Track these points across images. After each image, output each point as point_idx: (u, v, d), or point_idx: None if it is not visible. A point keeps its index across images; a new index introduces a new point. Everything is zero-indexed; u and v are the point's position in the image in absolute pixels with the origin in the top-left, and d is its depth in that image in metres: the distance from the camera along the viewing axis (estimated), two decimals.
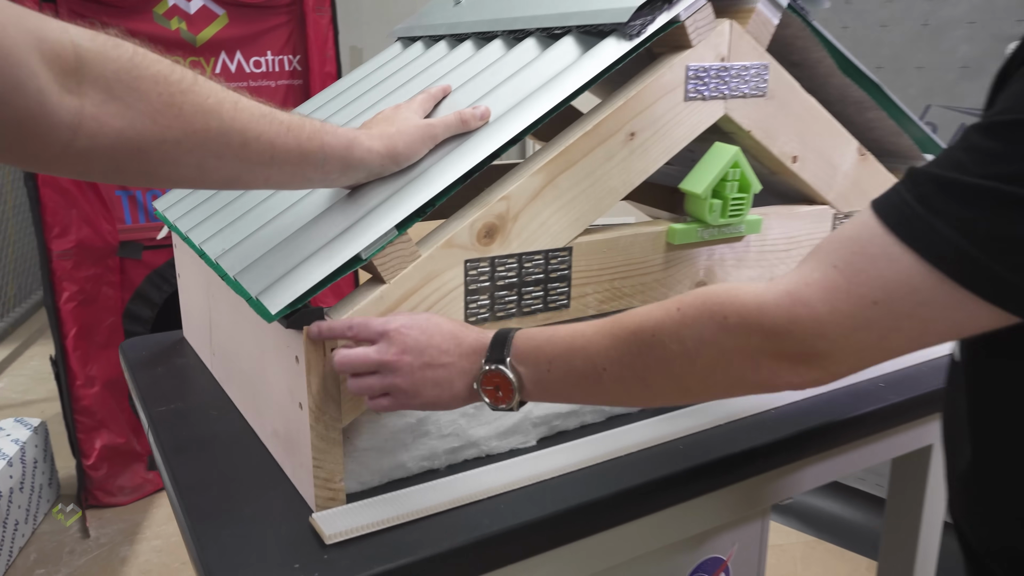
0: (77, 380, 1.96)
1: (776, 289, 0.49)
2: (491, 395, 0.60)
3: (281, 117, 0.57)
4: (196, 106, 0.51)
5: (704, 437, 0.81)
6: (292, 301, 0.60)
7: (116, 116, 0.47)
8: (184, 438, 0.78)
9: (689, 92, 0.76)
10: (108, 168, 0.49)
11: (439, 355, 0.60)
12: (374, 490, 0.70)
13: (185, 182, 0.54)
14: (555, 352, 0.58)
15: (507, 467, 0.74)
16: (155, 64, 0.49)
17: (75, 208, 1.89)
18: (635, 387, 0.56)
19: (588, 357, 0.56)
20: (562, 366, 0.58)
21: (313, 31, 2.08)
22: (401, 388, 0.60)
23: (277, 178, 0.59)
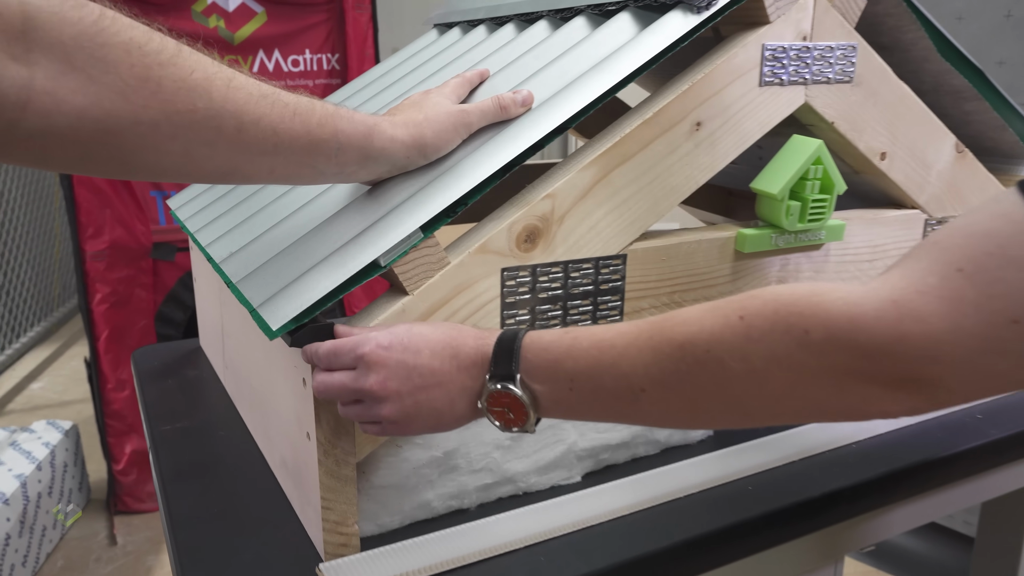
0: (108, 383, 1.92)
1: (876, 297, 0.39)
2: (500, 417, 0.50)
3: (286, 99, 0.48)
4: (178, 82, 0.42)
5: (777, 476, 0.70)
6: (297, 315, 0.51)
7: (77, 91, 0.39)
8: (186, 462, 0.70)
9: (765, 76, 0.65)
10: (73, 155, 0.41)
11: (431, 375, 0.50)
12: (394, 534, 0.60)
13: (171, 173, 0.46)
14: (578, 368, 0.48)
15: (548, 509, 0.64)
16: (127, 30, 0.40)
17: (109, 208, 1.86)
18: (681, 410, 0.46)
19: (621, 375, 0.46)
20: (587, 384, 0.48)
21: (352, 29, 2.03)
22: (391, 419, 0.50)
23: (282, 170, 0.50)
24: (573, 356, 0.48)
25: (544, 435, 0.65)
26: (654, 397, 0.45)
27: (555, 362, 0.48)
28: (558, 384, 0.48)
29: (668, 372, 0.44)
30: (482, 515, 0.63)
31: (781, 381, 0.41)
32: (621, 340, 0.47)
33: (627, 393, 0.46)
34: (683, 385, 0.44)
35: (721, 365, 0.42)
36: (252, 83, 0.47)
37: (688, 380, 0.44)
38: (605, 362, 0.46)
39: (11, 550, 1.66)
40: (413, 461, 0.59)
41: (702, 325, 0.44)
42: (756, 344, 0.41)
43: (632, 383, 0.46)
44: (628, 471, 0.70)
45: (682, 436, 0.74)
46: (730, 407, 0.44)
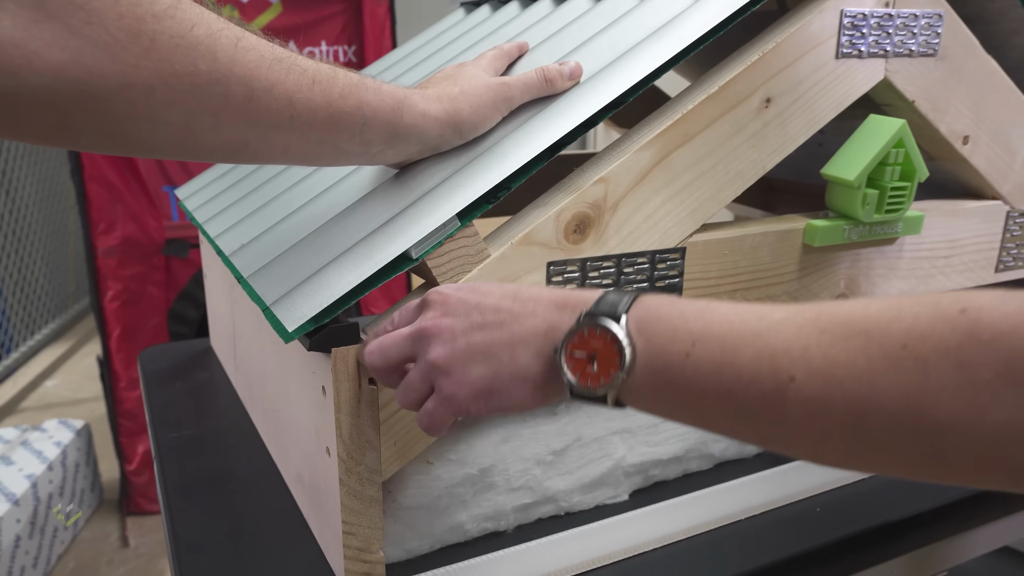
0: (120, 382, 1.88)
1: None
2: (578, 368, 0.37)
3: (304, 64, 0.42)
4: (176, 38, 0.35)
5: (846, 496, 0.63)
6: (316, 315, 0.44)
7: (53, 45, 0.32)
8: (192, 475, 0.64)
9: (843, 47, 0.58)
10: (50, 123, 0.34)
11: (495, 312, 0.40)
12: (423, 560, 0.54)
13: (169, 148, 0.39)
14: (708, 330, 0.34)
15: (593, 533, 0.57)
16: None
17: (121, 204, 1.82)
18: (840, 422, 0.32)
19: (766, 349, 0.33)
20: (714, 352, 0.34)
21: (369, 20, 1.97)
22: (439, 366, 0.39)
23: (299, 147, 0.43)
24: (705, 317, 0.35)
25: (590, 449, 0.58)
26: (807, 392, 0.31)
27: (679, 316, 0.36)
28: (675, 342, 0.35)
29: (839, 362, 0.31)
30: (520, 539, 0.56)
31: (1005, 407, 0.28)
32: (773, 313, 0.34)
33: (768, 378, 0.32)
34: (857, 382, 0.30)
35: (924, 366, 0.29)
36: (265, 45, 0.40)
37: (868, 377, 0.30)
38: (747, 332, 0.33)
39: (21, 552, 1.61)
40: (446, 479, 0.52)
41: (900, 311, 0.31)
42: (983, 353, 0.28)
43: (778, 364, 0.32)
44: (679, 489, 0.63)
45: (737, 449, 0.67)
46: (915, 427, 0.30)
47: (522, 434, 0.55)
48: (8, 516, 1.56)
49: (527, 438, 0.55)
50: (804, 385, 0.31)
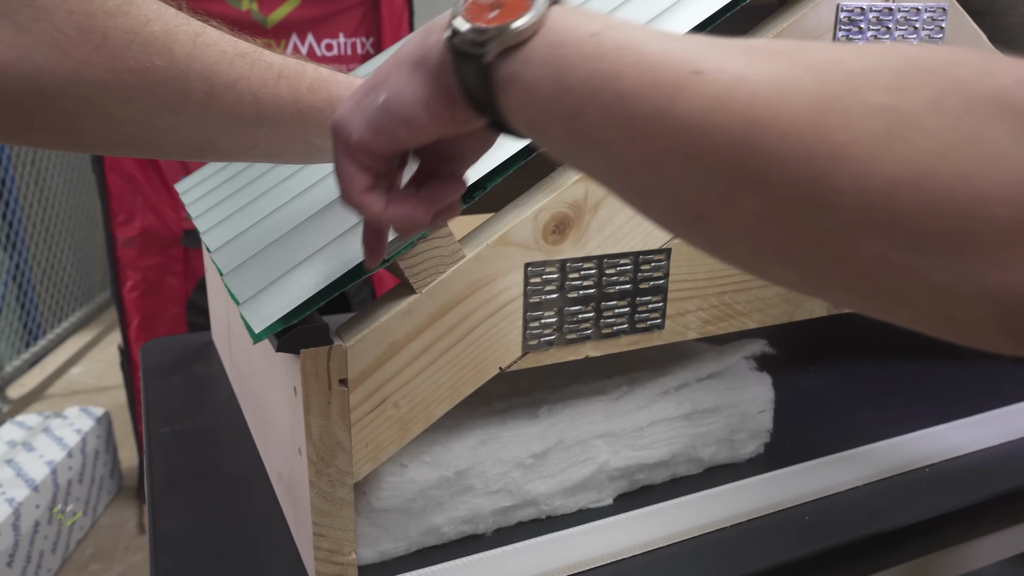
0: (139, 371, 1.90)
1: None
2: (474, 10, 0.30)
3: (270, 59, 0.41)
4: (129, 34, 0.35)
5: (839, 504, 0.61)
6: (283, 316, 0.44)
7: (0, 42, 0.32)
8: (180, 471, 0.64)
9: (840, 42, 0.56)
10: (7, 121, 0.34)
11: (381, 66, 0.34)
12: (397, 562, 0.53)
13: (131, 145, 0.39)
14: (627, 24, 0.28)
15: (574, 537, 0.56)
16: None
17: (140, 195, 1.84)
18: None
19: (683, 45, 0.26)
20: (622, 36, 0.27)
21: (387, 12, 1.97)
22: (334, 129, 0.35)
23: (269, 144, 0.43)
24: (613, 21, 0.29)
25: (572, 452, 0.58)
26: (707, 87, 0.25)
27: (603, 15, 0.29)
28: (588, 23, 0.28)
29: (757, 67, 0.25)
30: (499, 542, 0.56)
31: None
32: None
33: (670, 67, 0.26)
34: (768, 85, 0.24)
35: (854, 83, 0.23)
36: (227, 40, 0.40)
37: (784, 82, 0.24)
38: (658, 32, 0.28)
39: (40, 537, 1.65)
40: (420, 481, 0.52)
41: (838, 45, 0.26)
42: (923, 78, 0.23)
43: (688, 55, 0.26)
44: (666, 493, 0.62)
45: (729, 454, 0.65)
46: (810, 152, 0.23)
47: (501, 436, 0.55)
48: (27, 502, 1.59)
49: (506, 440, 0.55)
50: (707, 81, 0.25)
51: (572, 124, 0.28)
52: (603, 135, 0.27)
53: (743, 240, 0.26)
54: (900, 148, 0.22)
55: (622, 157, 0.27)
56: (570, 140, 0.29)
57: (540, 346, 0.53)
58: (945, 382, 0.81)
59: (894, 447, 0.68)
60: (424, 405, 0.50)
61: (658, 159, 0.26)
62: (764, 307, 0.61)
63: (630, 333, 0.56)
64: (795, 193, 0.23)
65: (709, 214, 0.26)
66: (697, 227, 0.27)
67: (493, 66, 0.29)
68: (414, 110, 0.32)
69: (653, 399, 0.61)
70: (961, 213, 0.21)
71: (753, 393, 0.65)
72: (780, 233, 0.24)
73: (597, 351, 0.56)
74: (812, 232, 0.24)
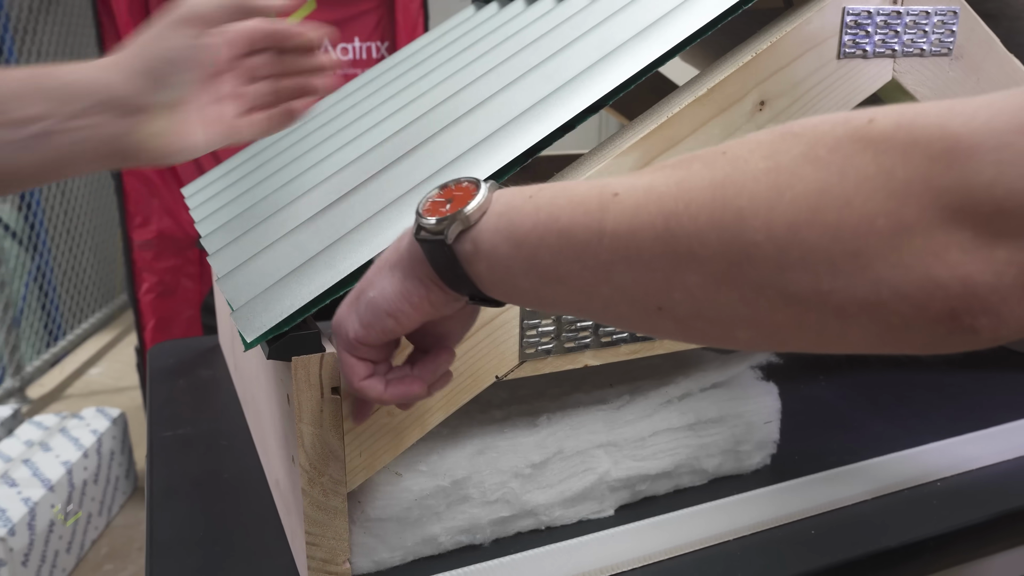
0: None
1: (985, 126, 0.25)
2: (433, 208, 0.36)
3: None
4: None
5: (845, 518, 0.60)
6: (274, 325, 0.43)
7: None
8: (180, 475, 0.64)
9: (845, 46, 0.55)
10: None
11: (367, 274, 0.40)
12: (394, 572, 0.53)
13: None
14: (556, 184, 0.34)
15: (574, 549, 0.55)
16: None
17: (157, 198, 1.86)
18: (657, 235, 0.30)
19: (603, 182, 0.32)
20: (554, 190, 0.33)
21: (402, 16, 1.98)
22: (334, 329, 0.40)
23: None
24: (544, 185, 0.35)
25: (572, 463, 0.57)
26: (625, 203, 0.30)
27: (518, 187, 0.36)
28: (523, 192, 0.34)
29: (662, 176, 0.30)
30: (497, 552, 0.55)
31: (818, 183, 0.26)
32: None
33: (595, 198, 0.31)
34: (675, 186, 0.29)
35: (735, 161, 0.28)
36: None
37: (684, 180, 0.29)
38: (581, 181, 0.34)
39: (55, 536, 1.66)
40: (416, 491, 0.51)
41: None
42: (792, 140, 0.28)
43: (607, 187, 0.31)
44: (669, 505, 0.61)
45: (734, 465, 0.64)
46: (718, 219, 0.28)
47: (498, 446, 0.54)
48: (43, 501, 1.61)
49: (504, 450, 0.54)
50: (624, 198, 0.30)
51: (533, 271, 0.33)
52: (559, 270, 0.32)
53: (699, 315, 0.29)
54: (788, 195, 0.26)
55: (580, 283, 0.32)
56: (536, 284, 0.33)
57: (537, 355, 0.52)
58: (958, 393, 0.79)
59: (904, 460, 0.67)
60: (419, 414, 0.49)
61: (608, 273, 0.30)
62: None
63: (630, 342, 0.55)
64: (722, 257, 0.27)
65: (665, 303, 0.30)
66: (659, 318, 0.31)
67: (456, 246, 0.35)
68: (397, 303, 0.37)
69: (656, 409, 0.60)
70: (854, 233, 0.25)
71: (759, 403, 0.63)
72: (724, 296, 0.28)
73: (596, 360, 0.55)
74: (748, 286, 0.27)
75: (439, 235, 0.35)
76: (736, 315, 0.28)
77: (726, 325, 0.29)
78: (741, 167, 0.28)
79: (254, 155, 0.78)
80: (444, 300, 0.37)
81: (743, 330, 0.29)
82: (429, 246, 0.36)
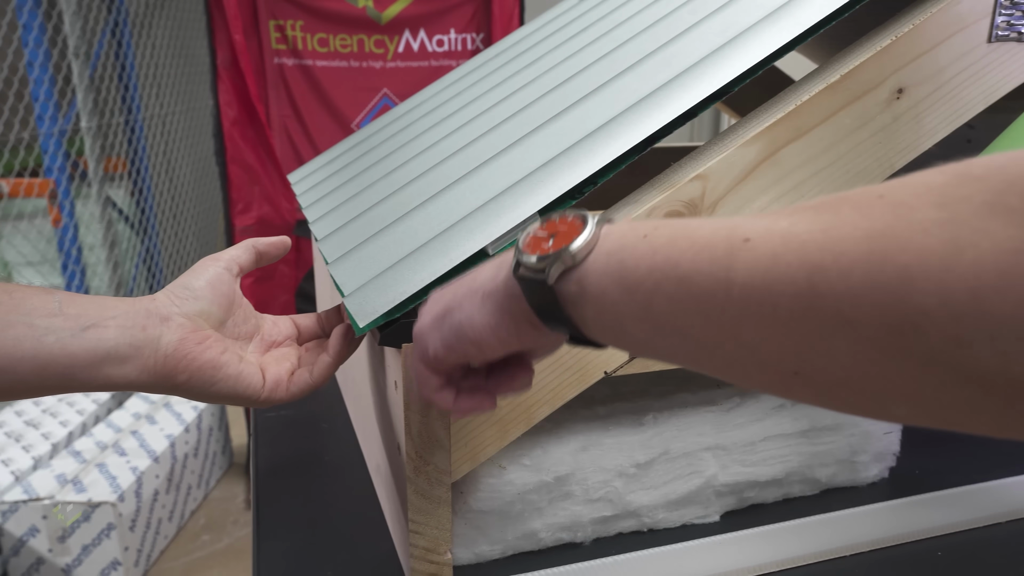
0: None
1: None
2: (534, 244, 0.34)
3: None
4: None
5: (976, 541, 0.55)
6: (388, 311, 0.43)
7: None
8: (282, 456, 0.65)
9: (999, 28, 0.50)
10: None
11: (458, 288, 0.38)
12: (494, 565, 0.52)
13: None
14: (661, 223, 0.31)
15: (678, 553, 0.53)
16: None
17: (258, 185, 1.92)
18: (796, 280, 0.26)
19: (731, 223, 0.28)
20: (673, 229, 0.30)
21: (498, 8, 1.97)
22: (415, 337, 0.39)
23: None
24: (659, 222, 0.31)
25: (678, 464, 0.55)
26: (759, 250, 0.26)
27: (630, 224, 0.32)
28: (636, 229, 0.31)
29: (804, 221, 0.26)
30: (598, 552, 0.54)
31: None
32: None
33: (722, 242, 0.27)
34: (820, 233, 0.25)
35: (897, 208, 0.24)
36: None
37: (832, 228, 0.24)
38: (702, 220, 0.30)
39: (159, 505, 1.75)
40: (519, 485, 0.50)
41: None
42: (973, 185, 0.23)
43: (736, 230, 0.27)
44: (778, 515, 0.58)
45: (849, 476, 0.61)
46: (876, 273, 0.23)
47: (603, 443, 0.53)
48: (149, 471, 1.70)
49: (608, 447, 0.53)
50: (758, 244, 0.26)
51: (647, 320, 0.29)
52: (678, 322, 0.28)
53: (847, 385, 0.25)
54: (970, 254, 0.21)
55: (702, 337, 0.28)
56: (651, 335, 0.30)
57: None
58: None
59: None
60: (525, 407, 0.48)
61: (735, 330, 0.26)
62: None
63: None
64: (880, 324, 0.23)
65: (803, 368, 0.25)
66: (795, 383, 0.26)
67: (558, 287, 0.32)
68: (483, 335, 0.35)
69: (767, 413, 0.57)
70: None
71: None
72: (881, 369, 0.23)
73: None
74: (913, 360, 0.23)
75: (540, 273, 0.32)
76: (894, 389, 0.24)
77: (880, 399, 0.25)
78: (906, 216, 0.23)
79: (358, 143, 0.78)
80: (535, 337, 0.35)
81: (901, 406, 0.24)
82: (528, 284, 0.33)
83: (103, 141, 2.18)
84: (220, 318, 0.46)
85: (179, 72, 2.68)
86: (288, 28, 1.87)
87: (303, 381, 0.47)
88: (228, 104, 1.84)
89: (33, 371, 0.39)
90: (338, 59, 1.91)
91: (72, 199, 2.03)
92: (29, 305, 0.40)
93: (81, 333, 0.40)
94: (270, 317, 0.51)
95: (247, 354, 0.47)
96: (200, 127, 2.93)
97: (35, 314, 0.40)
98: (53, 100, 1.91)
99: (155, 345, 0.42)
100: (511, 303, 0.34)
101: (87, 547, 1.56)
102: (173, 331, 0.43)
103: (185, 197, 2.86)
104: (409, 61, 1.95)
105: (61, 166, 1.95)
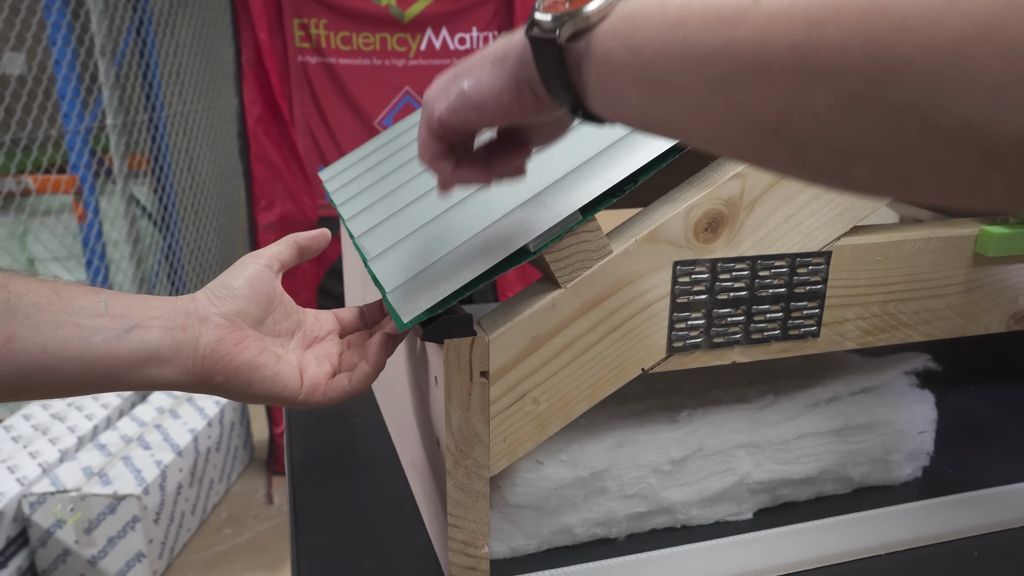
0: None
1: None
2: (553, 6, 0.33)
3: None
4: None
5: (1013, 541, 0.55)
6: (431, 306, 0.44)
7: None
8: (316, 449, 0.66)
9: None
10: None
11: (471, 57, 0.39)
12: (529, 560, 0.53)
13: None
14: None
15: (711, 550, 0.54)
16: None
17: (281, 182, 1.93)
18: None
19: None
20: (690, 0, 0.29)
21: (520, 6, 1.97)
22: (423, 102, 0.40)
23: (29, 334, 0.40)
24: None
25: (712, 461, 0.55)
26: (765, 7, 0.26)
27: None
28: (648, 1, 0.31)
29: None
30: (632, 548, 0.54)
31: None
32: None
33: (732, 8, 0.27)
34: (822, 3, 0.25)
35: None
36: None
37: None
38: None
39: (182, 498, 1.77)
40: (555, 480, 0.51)
41: None
42: None
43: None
44: (811, 513, 0.58)
45: (882, 475, 0.61)
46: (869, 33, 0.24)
47: (639, 440, 0.53)
48: (172, 465, 1.72)
49: (644, 444, 0.53)
50: (767, 5, 0.26)
51: (645, 80, 0.29)
52: (674, 81, 0.28)
53: (820, 142, 0.25)
54: (964, 6, 0.21)
55: (693, 97, 0.28)
56: (645, 97, 0.30)
57: (686, 348, 0.50)
58: None
59: None
60: (563, 403, 0.49)
61: (726, 86, 0.27)
62: (932, 319, 0.56)
63: (782, 340, 0.53)
64: (863, 74, 0.23)
65: (783, 126, 0.26)
66: (772, 143, 0.27)
67: (567, 48, 0.32)
68: (485, 98, 0.37)
69: (801, 411, 0.57)
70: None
71: (913, 411, 0.59)
72: (853, 121, 0.24)
73: (745, 357, 0.53)
74: (885, 111, 0.23)
75: (551, 32, 0.32)
76: (861, 146, 0.24)
77: (846, 157, 0.25)
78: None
79: (389, 141, 0.79)
80: (536, 107, 0.36)
81: (864, 165, 0.25)
82: (538, 45, 0.33)
83: (127, 138, 2.21)
84: (259, 316, 0.46)
85: (201, 70, 2.70)
86: (312, 26, 1.88)
87: (341, 387, 0.47)
88: (253, 102, 1.85)
89: (80, 371, 0.40)
90: (361, 57, 1.92)
91: (97, 196, 2.06)
92: (77, 305, 0.40)
93: (126, 334, 0.41)
94: (312, 312, 0.51)
95: (288, 351, 0.47)
96: (222, 125, 2.95)
97: (83, 314, 0.40)
98: (80, 98, 1.94)
99: (194, 346, 0.43)
100: (518, 68, 0.35)
101: (112, 539, 1.58)
102: (211, 332, 0.43)
103: (206, 194, 2.89)
104: (431, 59, 1.96)
105: (87, 163, 1.98)
